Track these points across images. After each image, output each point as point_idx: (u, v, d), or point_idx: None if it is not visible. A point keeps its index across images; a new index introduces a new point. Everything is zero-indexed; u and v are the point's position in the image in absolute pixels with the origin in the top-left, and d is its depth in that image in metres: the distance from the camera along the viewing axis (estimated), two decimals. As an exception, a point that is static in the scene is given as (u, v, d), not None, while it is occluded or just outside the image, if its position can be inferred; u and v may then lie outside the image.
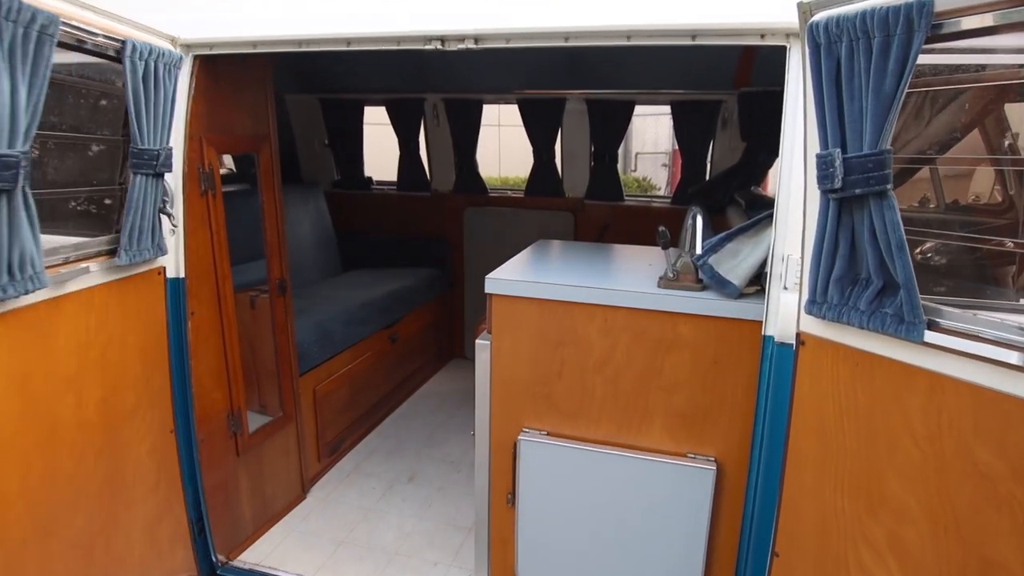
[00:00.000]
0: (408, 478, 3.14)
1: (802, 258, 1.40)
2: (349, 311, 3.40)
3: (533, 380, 1.96)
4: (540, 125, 4.11)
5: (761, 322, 1.66)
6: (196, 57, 2.11)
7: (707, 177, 3.99)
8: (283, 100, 4.53)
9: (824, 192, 1.24)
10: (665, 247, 1.79)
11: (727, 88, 3.67)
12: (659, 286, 1.82)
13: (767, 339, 1.63)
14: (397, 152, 4.65)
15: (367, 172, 4.74)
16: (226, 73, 2.29)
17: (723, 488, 1.85)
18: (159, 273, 2.06)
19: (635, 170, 13.50)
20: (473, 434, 2.14)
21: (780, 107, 3.60)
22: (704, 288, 1.79)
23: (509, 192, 4.50)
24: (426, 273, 4.35)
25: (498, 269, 2.02)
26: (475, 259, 4.55)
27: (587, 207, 4.26)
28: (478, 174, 4.45)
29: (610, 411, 1.91)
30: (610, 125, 3.97)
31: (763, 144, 3.60)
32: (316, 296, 3.68)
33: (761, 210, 3.07)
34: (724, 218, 3.43)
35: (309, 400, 3.03)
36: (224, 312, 2.39)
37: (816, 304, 1.32)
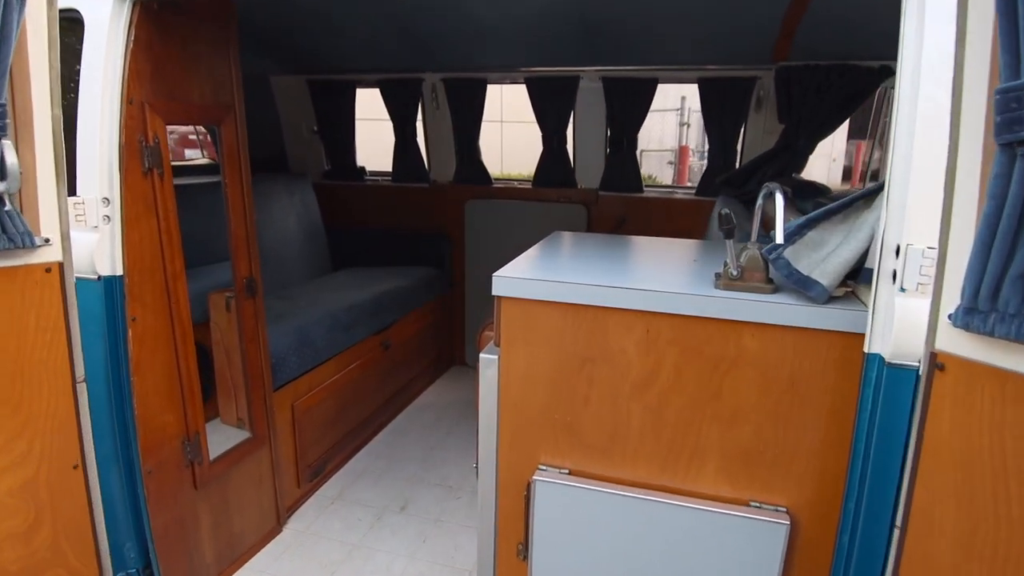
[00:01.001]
0: (400, 507, 2.73)
1: (944, 249, 0.98)
2: (334, 315, 2.99)
3: (552, 405, 1.55)
4: (550, 107, 3.69)
5: (860, 335, 1.25)
6: (136, 1, 1.71)
7: (737, 165, 3.57)
8: (268, 82, 4.13)
9: (1008, 145, 0.82)
10: (728, 235, 1.38)
11: (764, 63, 3.25)
12: (717, 286, 1.41)
13: (871, 358, 1.22)
14: (393, 144, 4.25)
15: (360, 161, 4.33)
16: (178, 25, 1.89)
17: (797, 548, 1.44)
18: (47, 270, 1.59)
19: (640, 167, 13.21)
20: (476, 466, 1.73)
21: (824, 83, 3.20)
22: (776, 289, 1.38)
23: (515, 183, 4.09)
24: (423, 272, 3.94)
25: (508, 265, 1.61)
26: (477, 256, 4.14)
27: (602, 199, 3.85)
28: (481, 163, 4.04)
29: (651, 446, 1.50)
30: (629, 106, 3.56)
31: (804, 127, 3.19)
32: (300, 298, 3.27)
33: (814, 198, 2.65)
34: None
35: (286, 417, 2.62)
36: (176, 318, 1.98)
37: (977, 315, 0.90)
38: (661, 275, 1.59)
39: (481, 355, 1.63)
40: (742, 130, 3.51)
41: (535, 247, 1.89)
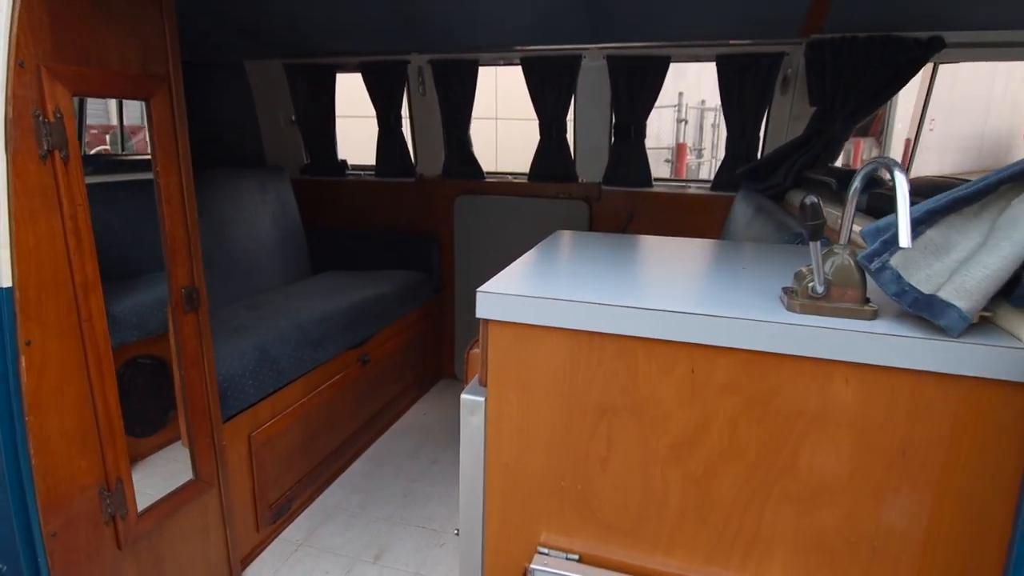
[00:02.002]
0: (374, 556, 2.32)
1: None
2: (302, 328, 2.58)
3: (558, 468, 1.15)
4: (548, 90, 3.28)
5: (1014, 384, 0.85)
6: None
7: (759, 154, 3.17)
8: (242, 67, 3.71)
9: None
10: (813, 235, 0.97)
11: (792, 37, 2.84)
12: (791, 308, 1.00)
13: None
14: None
15: (341, 154, 3.92)
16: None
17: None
18: None
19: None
20: (457, 533, 1.33)
21: (864, 58, 2.77)
22: (876, 314, 0.97)
23: (510, 177, 3.68)
24: (408, 277, 3.53)
25: (498, 277, 1.20)
26: (469, 258, 3.73)
27: (606, 194, 3.44)
28: (472, 154, 3.62)
29: (693, 530, 1.09)
30: (637, 88, 3.14)
31: (839, 109, 2.78)
32: (265, 307, 2.86)
33: (868, 190, 2.24)
34: (788, 206, 2.61)
35: (241, 451, 2.21)
36: (90, 341, 1.57)
37: None
38: (705, 290, 1.18)
39: (463, 396, 1.22)
40: (766, 115, 3.09)
41: (532, 251, 1.48)
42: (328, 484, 2.75)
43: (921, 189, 1.83)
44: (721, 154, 3.33)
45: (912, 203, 0.96)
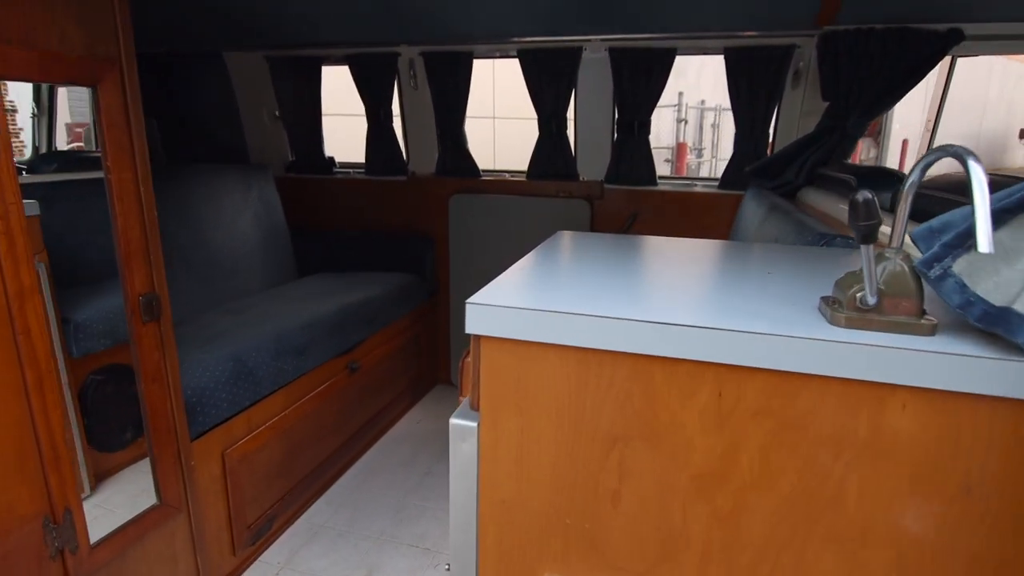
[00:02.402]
0: (363, 580, 2.17)
1: None
2: (283, 335, 2.42)
3: (562, 504, 1.00)
4: (547, 84, 3.13)
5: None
6: None
7: (769, 151, 3.03)
8: (222, 60, 3.55)
9: None
10: (866, 238, 0.82)
11: (804, 28, 2.70)
12: (834, 322, 0.86)
13: None
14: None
15: (328, 151, 3.76)
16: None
17: None
18: None
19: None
20: (448, 569, 1.18)
21: (880, 51, 2.64)
22: (935, 328, 0.82)
23: (507, 175, 3.53)
24: (400, 279, 3.38)
25: (491, 285, 1.05)
26: (464, 259, 3.58)
27: (608, 193, 3.30)
28: (467, 151, 3.47)
29: (718, 574, 0.94)
30: (642, 82, 3.00)
31: (854, 104, 2.64)
32: (247, 312, 2.71)
33: (891, 187, 2.10)
34: (802, 204, 2.47)
35: (214, 471, 2.05)
36: (27, 355, 1.41)
37: None
38: (729, 301, 1.03)
39: (453, 420, 1.07)
40: (776, 111, 2.95)
41: (530, 255, 1.33)
42: (314, 500, 2.60)
43: (950, 187, 1.69)
44: (721, 154, 3.19)
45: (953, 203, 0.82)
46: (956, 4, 2.44)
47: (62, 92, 3.39)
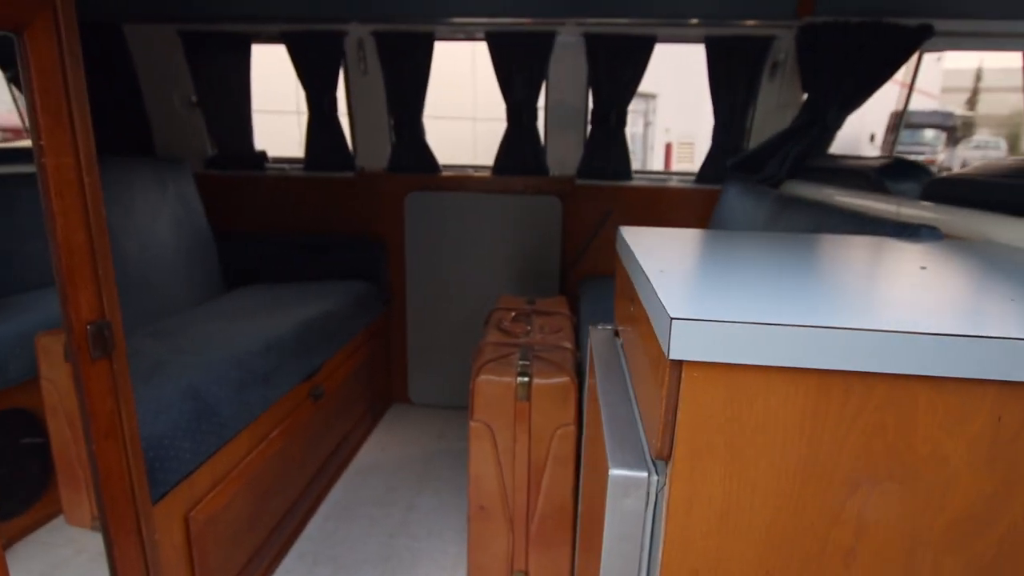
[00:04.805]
0: (368, 649, 1.82)
1: None
2: (245, 361, 2.01)
3: (775, 569, 0.78)
4: (517, 71, 2.90)
5: None
6: None
7: (747, 144, 2.99)
8: (119, 32, 2.98)
9: None
10: None
11: (784, 18, 2.67)
12: None
13: None
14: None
15: (259, 144, 3.28)
16: None
17: None
18: None
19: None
20: None
21: (856, 44, 2.65)
22: None
23: (470, 170, 3.25)
24: (354, 288, 3.00)
25: (670, 295, 0.80)
26: (422, 265, 3.25)
27: (580, 189, 3.12)
28: (425, 144, 3.15)
29: (978, 638, 0.77)
30: (619, 70, 2.85)
31: (833, 96, 2.65)
32: (180, 335, 2.24)
33: (916, 178, 2.07)
34: (787, 195, 2.42)
35: (177, 539, 1.62)
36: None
37: None
38: (952, 305, 0.85)
39: (613, 471, 0.82)
40: (755, 103, 2.92)
41: (654, 262, 1.08)
42: (284, 555, 2.18)
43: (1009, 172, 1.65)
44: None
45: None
46: (928, 0, 2.50)
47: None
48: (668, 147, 15.81)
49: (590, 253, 3.22)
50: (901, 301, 0.83)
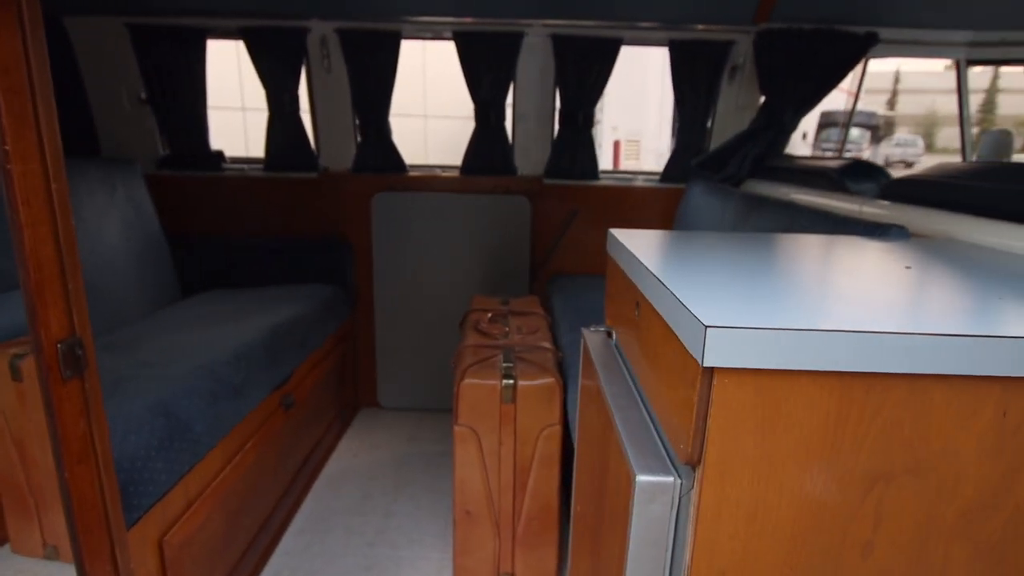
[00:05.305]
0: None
1: None
2: (216, 372, 1.92)
3: (798, 566, 0.81)
4: (485, 71, 2.88)
5: None
6: None
7: (708, 144, 3.07)
8: (61, 26, 2.79)
9: None
10: None
11: (744, 24, 2.76)
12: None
13: None
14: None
15: (215, 144, 3.14)
16: None
17: None
18: None
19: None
20: None
21: (809, 50, 2.76)
22: None
23: (438, 170, 3.21)
24: (321, 292, 2.92)
25: (695, 300, 0.81)
26: (389, 266, 3.20)
27: (548, 188, 3.14)
28: (391, 144, 3.10)
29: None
30: (586, 71, 2.87)
31: (789, 99, 2.75)
32: (139, 346, 2.13)
33: (873, 179, 2.17)
34: (754, 195, 2.52)
35: (151, 566, 1.54)
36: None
37: None
38: (952, 304, 0.89)
39: (640, 478, 0.83)
40: (716, 105, 3.00)
41: (661, 263, 1.09)
42: (259, 573, 2.10)
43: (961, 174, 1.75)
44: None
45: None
46: (874, 9, 2.63)
47: None
48: (616, 144, 16.05)
49: (557, 252, 3.24)
50: (906, 302, 0.87)
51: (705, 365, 0.72)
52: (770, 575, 0.81)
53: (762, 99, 2.84)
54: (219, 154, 3.12)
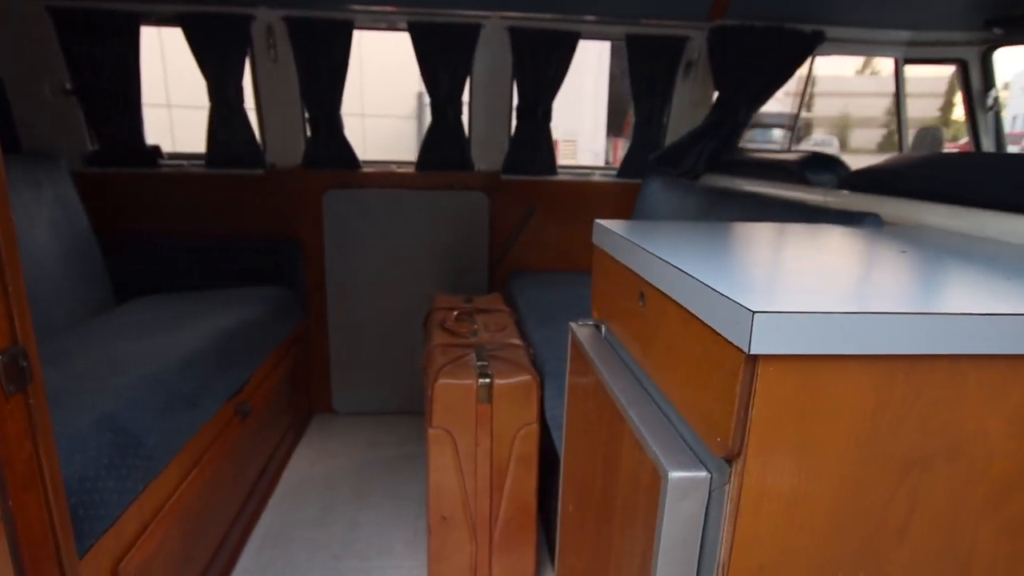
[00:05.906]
0: None
1: None
2: (163, 381, 1.77)
3: (835, 555, 0.79)
4: (441, 64, 2.80)
5: None
6: None
7: (663, 139, 3.11)
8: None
9: None
10: None
11: (699, 20, 2.80)
12: None
13: None
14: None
15: (150, 138, 2.90)
16: None
17: None
18: None
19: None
20: None
21: (760, 47, 2.85)
22: None
23: (393, 166, 3.09)
24: (270, 294, 2.76)
25: (747, 288, 0.78)
26: (343, 266, 3.06)
27: (506, 184, 3.09)
28: (344, 139, 2.96)
29: (1005, 591, 0.83)
30: (543, 65, 2.84)
31: (742, 94, 2.82)
32: (76, 358, 1.93)
33: (831, 170, 2.24)
34: (716, 188, 2.57)
35: (104, 597, 1.39)
36: None
37: None
38: (968, 285, 0.90)
39: (673, 474, 0.79)
40: (671, 100, 3.03)
41: (686, 252, 1.06)
42: (217, 596, 1.95)
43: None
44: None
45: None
46: (820, 8, 2.73)
47: None
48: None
49: (516, 248, 3.20)
50: (924, 284, 0.88)
51: (752, 352, 0.69)
52: (808, 566, 0.79)
53: (716, 95, 2.90)
54: (155, 149, 2.89)
